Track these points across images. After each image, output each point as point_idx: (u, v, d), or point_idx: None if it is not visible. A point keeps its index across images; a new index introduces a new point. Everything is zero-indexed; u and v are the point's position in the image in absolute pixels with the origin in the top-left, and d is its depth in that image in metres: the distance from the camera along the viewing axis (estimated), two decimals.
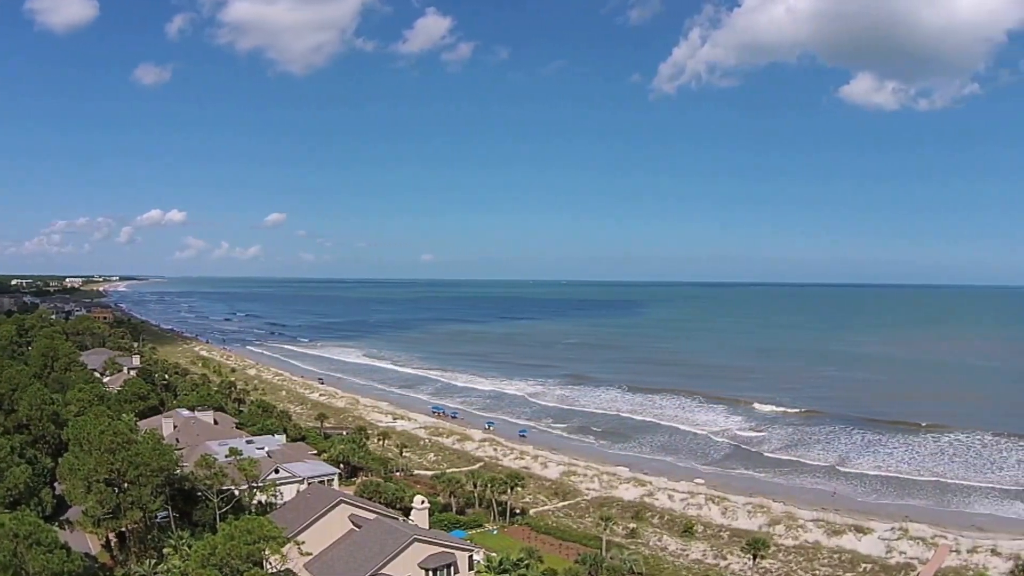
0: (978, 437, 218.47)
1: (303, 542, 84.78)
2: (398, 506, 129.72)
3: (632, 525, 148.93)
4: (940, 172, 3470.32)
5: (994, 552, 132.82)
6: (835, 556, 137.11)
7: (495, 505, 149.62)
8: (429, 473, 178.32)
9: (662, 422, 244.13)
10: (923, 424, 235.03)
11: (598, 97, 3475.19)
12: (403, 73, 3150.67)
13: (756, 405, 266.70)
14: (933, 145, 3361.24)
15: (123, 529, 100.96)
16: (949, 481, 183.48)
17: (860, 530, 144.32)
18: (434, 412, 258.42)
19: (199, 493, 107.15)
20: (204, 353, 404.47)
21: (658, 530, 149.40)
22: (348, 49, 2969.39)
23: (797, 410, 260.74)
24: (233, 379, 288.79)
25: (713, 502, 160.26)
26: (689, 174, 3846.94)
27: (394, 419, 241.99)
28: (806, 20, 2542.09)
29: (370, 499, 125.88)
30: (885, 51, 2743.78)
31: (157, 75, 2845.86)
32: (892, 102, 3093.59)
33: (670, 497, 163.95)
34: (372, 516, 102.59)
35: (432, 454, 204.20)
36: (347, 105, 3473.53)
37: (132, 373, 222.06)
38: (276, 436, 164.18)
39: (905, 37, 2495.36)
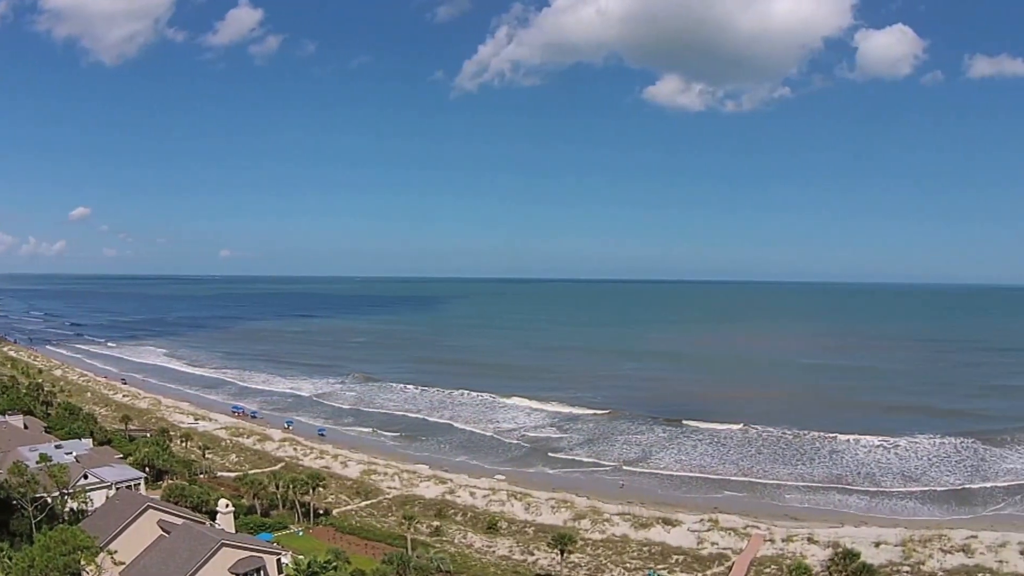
0: (785, 432, 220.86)
1: (115, 551, 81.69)
2: (204, 510, 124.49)
3: (436, 523, 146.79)
4: (744, 172, 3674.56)
5: (811, 540, 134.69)
6: (645, 549, 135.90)
7: (299, 506, 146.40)
8: (232, 475, 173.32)
9: (458, 421, 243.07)
10: (729, 419, 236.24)
11: (400, 93, 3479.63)
12: (210, 65, 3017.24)
13: (555, 403, 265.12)
14: (738, 146, 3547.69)
15: None
16: (758, 473, 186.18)
17: (668, 522, 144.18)
18: (234, 412, 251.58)
19: (14, 502, 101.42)
20: (12, 354, 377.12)
21: (462, 527, 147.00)
22: (160, 39, 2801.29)
23: (597, 407, 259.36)
24: (40, 380, 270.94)
25: (516, 498, 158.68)
26: (486, 171, 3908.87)
27: (196, 420, 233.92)
28: (616, 22, 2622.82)
29: (176, 503, 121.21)
30: (695, 54, 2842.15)
31: None
32: (698, 103, 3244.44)
33: (472, 494, 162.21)
34: (180, 521, 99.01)
35: (234, 455, 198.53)
36: (153, 97, 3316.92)
37: None
38: (83, 440, 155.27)
39: (717, 41, 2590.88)
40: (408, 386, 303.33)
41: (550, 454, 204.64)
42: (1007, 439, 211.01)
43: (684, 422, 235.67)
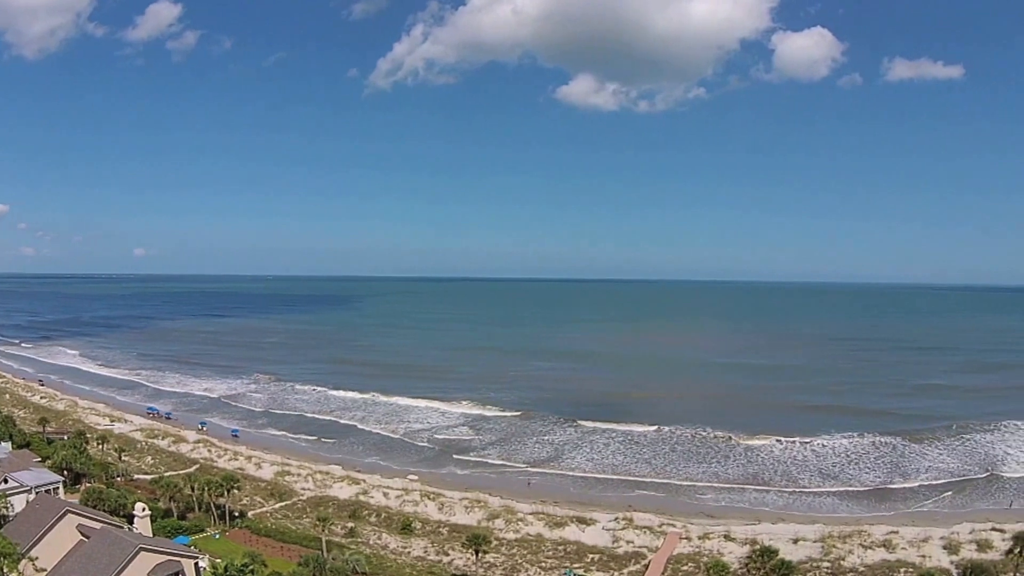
0: (700, 432, 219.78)
1: (36, 557, 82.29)
2: (122, 513, 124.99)
3: (350, 524, 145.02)
4: (657, 171, 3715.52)
5: (728, 538, 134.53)
6: (560, 548, 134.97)
7: (214, 508, 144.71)
8: (149, 477, 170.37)
9: (370, 422, 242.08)
10: (642, 419, 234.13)
11: (314, 91, 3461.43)
12: (128, 61, 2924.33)
13: (466, 403, 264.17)
14: (650, 145, 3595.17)
15: None
16: (671, 473, 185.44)
17: (583, 521, 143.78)
18: (149, 413, 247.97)
19: None
20: None
21: (377, 528, 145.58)
22: (80, 34, 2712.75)
23: (509, 407, 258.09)
24: None
25: (429, 498, 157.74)
26: (399, 169, 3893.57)
27: (112, 421, 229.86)
28: (531, 21, 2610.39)
29: (95, 507, 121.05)
30: (610, 54, 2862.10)
31: None
32: (611, 103, 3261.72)
33: (385, 495, 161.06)
34: (99, 526, 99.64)
35: (150, 457, 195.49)
36: (73, 92, 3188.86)
37: None
38: (3, 444, 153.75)
39: (633, 41, 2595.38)
40: (320, 387, 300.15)
41: (462, 454, 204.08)
42: (926, 437, 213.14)
43: (596, 422, 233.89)
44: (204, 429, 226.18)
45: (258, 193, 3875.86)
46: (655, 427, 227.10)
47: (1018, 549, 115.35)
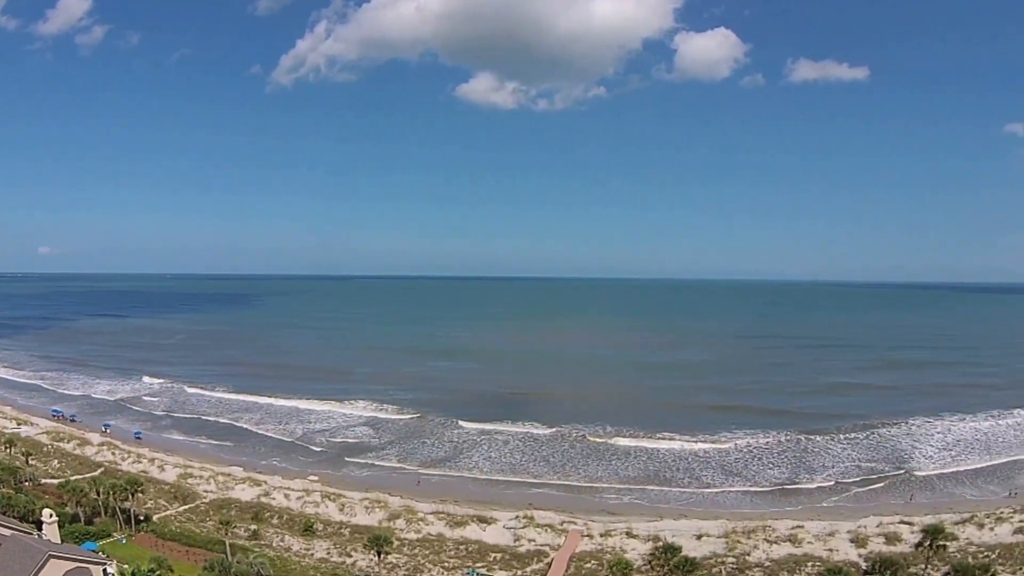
0: (599, 430, 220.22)
1: None
2: (31, 519, 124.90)
3: (253, 526, 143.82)
4: (556, 169, 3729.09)
5: (630, 535, 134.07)
6: (462, 547, 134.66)
7: (120, 512, 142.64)
8: (55, 481, 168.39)
9: (269, 423, 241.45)
10: (541, 419, 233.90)
11: (218, 87, 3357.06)
12: (37, 55, 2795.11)
13: (364, 403, 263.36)
14: (548, 144, 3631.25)
15: None
16: (571, 471, 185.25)
17: (483, 520, 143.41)
18: (54, 416, 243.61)
19: None
20: None
21: (279, 530, 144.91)
22: None
23: (407, 407, 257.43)
24: None
25: (330, 499, 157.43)
26: (300, 167, 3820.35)
27: (18, 424, 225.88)
28: (434, 19, 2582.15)
29: (4, 513, 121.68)
30: (511, 53, 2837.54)
31: None
32: (510, 102, 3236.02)
33: (286, 496, 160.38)
34: (9, 533, 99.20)
35: (56, 460, 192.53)
36: None
37: None
38: None
39: (535, 40, 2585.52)
40: (221, 387, 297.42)
41: (361, 455, 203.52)
42: (833, 434, 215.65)
43: (495, 422, 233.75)
44: (108, 431, 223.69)
45: (162, 190, 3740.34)
46: (555, 426, 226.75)
47: (928, 542, 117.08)
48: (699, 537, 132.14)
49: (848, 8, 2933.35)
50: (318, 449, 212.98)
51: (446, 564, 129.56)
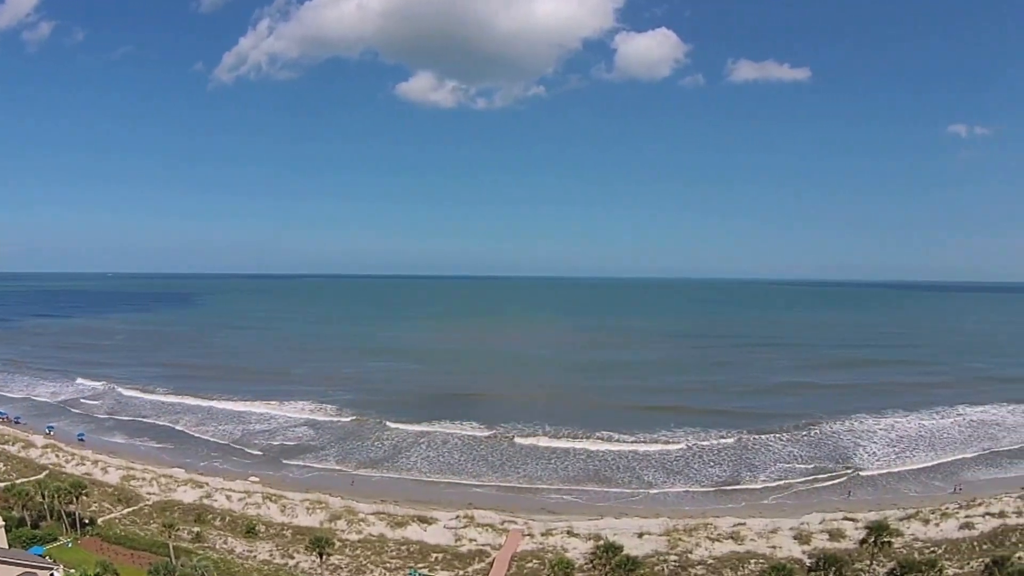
0: (538, 430, 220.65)
1: None
2: None
3: (196, 529, 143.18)
4: (493, 167, 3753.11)
5: (571, 533, 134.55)
6: (403, 548, 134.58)
7: (65, 516, 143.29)
8: (1, 485, 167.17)
9: (209, 424, 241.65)
10: (480, 420, 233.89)
11: (161, 84, 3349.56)
12: None
13: (303, 404, 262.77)
14: (487, 142, 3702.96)
15: None
16: (509, 471, 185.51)
17: (424, 520, 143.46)
18: None
19: None
20: None
21: (222, 532, 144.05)
22: None
23: (345, 408, 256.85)
24: None
25: (271, 500, 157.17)
26: (238, 165, 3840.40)
27: None
28: (375, 17, 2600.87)
29: None
30: (451, 52, 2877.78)
31: None
32: (450, 100, 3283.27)
33: (228, 498, 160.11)
34: None
35: (1, 464, 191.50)
36: None
37: None
38: None
39: (475, 39, 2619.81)
40: (161, 389, 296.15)
41: (300, 456, 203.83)
42: (775, 433, 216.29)
43: (433, 422, 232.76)
44: (51, 433, 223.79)
45: (103, 187, 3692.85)
46: (494, 426, 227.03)
47: (872, 538, 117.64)
48: (640, 535, 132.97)
49: (790, 9, 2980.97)
50: (258, 452, 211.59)
51: (388, 565, 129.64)
